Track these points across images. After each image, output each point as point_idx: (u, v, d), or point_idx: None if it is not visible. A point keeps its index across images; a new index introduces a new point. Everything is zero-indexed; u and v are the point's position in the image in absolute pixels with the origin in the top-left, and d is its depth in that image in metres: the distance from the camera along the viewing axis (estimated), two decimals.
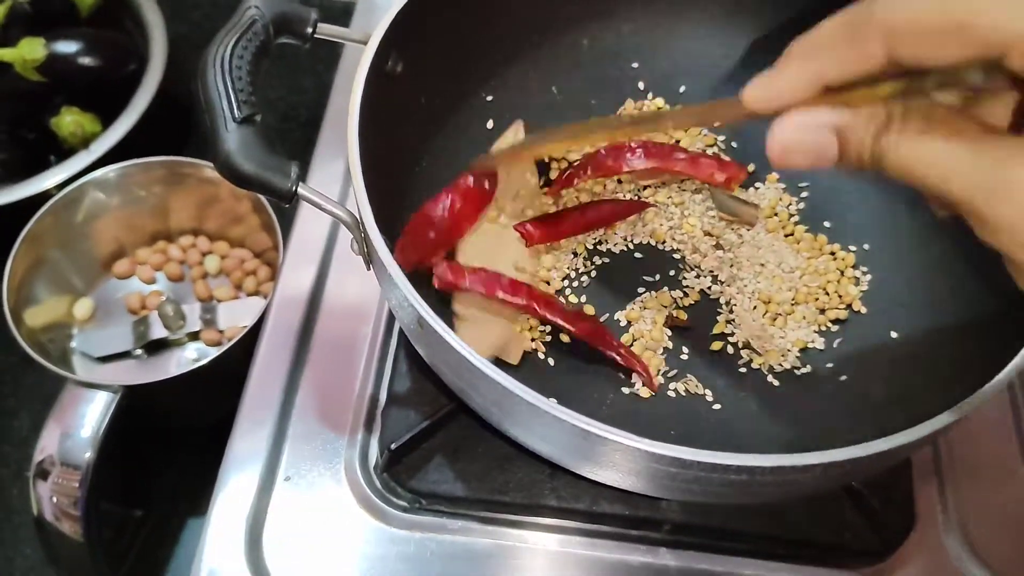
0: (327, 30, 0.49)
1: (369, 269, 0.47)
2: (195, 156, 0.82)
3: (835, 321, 0.56)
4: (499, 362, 0.52)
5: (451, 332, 0.41)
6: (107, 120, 0.77)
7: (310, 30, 0.49)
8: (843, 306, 0.56)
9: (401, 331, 0.58)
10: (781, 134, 0.35)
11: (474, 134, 0.60)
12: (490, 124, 0.60)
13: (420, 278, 0.43)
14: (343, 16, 0.85)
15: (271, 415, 0.56)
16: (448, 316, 0.52)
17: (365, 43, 0.49)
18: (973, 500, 0.55)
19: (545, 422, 0.40)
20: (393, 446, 0.52)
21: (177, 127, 0.85)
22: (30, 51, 0.76)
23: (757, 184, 0.61)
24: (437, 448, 0.54)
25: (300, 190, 0.43)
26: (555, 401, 0.40)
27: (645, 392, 0.53)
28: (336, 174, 0.66)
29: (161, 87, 0.78)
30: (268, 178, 0.43)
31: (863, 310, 0.56)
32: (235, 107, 0.43)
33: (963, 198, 0.32)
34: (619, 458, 0.41)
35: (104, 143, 0.75)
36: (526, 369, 0.53)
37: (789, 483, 0.42)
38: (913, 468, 0.55)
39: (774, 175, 0.61)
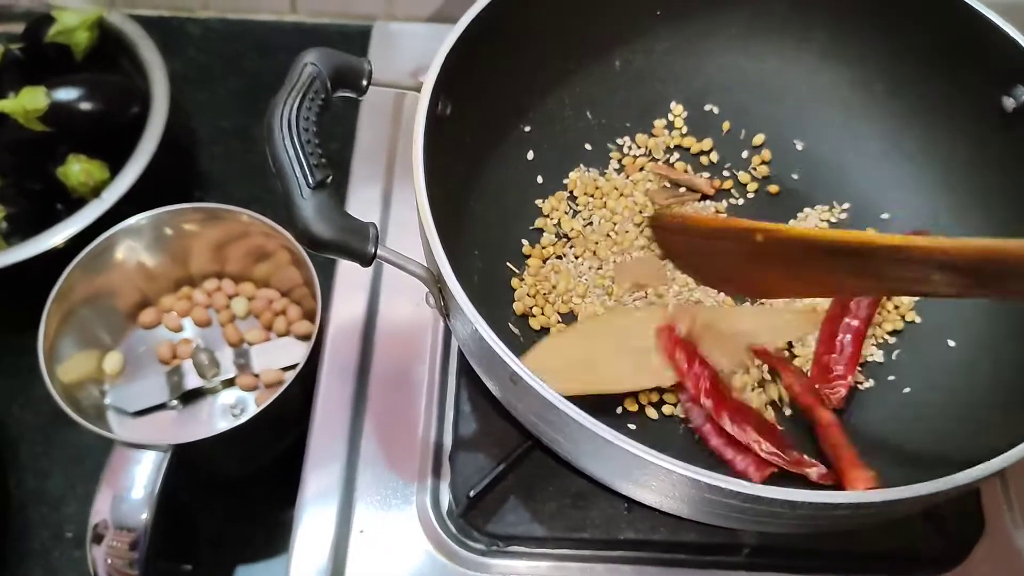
0: (381, 80, 0.49)
1: (447, 321, 0.47)
2: (203, 197, 0.81)
3: (892, 333, 0.57)
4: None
5: (545, 386, 0.41)
6: (113, 166, 0.75)
7: (365, 82, 0.48)
8: (898, 317, 0.57)
9: (459, 372, 0.58)
10: None
11: (516, 166, 0.60)
12: (531, 155, 0.60)
13: (501, 328, 0.42)
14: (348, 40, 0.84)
15: (338, 468, 0.56)
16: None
17: (418, 90, 0.49)
18: None
19: (649, 471, 0.41)
20: (472, 493, 0.52)
21: (183, 168, 0.84)
22: (32, 101, 0.74)
23: (805, 209, 0.62)
24: (511, 489, 0.54)
25: (380, 252, 0.43)
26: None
27: None
28: (369, 203, 0.66)
29: (165, 129, 0.76)
30: (348, 242, 0.42)
31: (917, 320, 0.57)
32: (308, 173, 0.42)
33: None
34: (720, 500, 0.42)
35: (116, 190, 0.73)
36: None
37: (886, 512, 0.43)
38: None
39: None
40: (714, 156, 0.63)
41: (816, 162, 0.61)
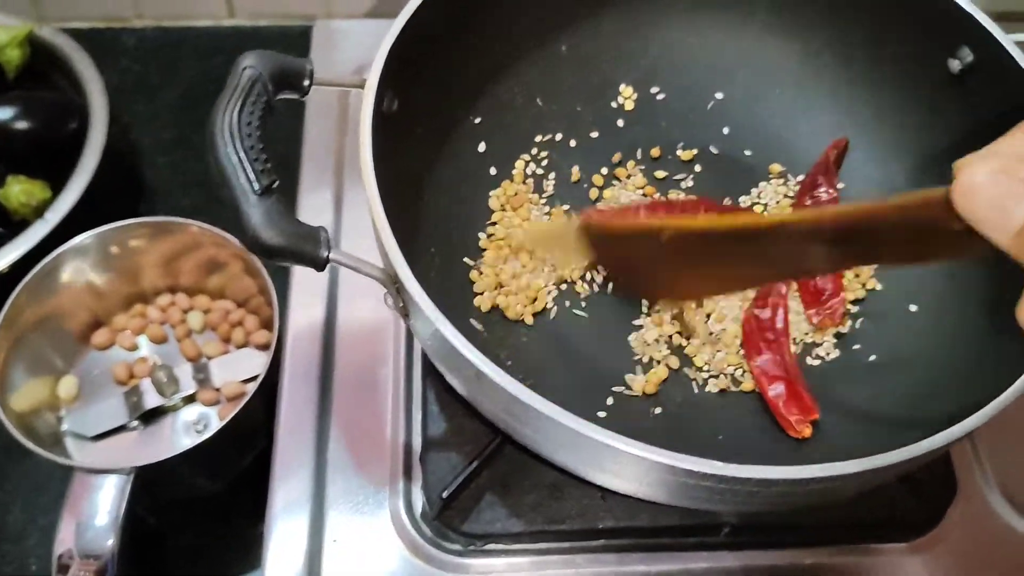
0: (323, 79, 0.47)
1: (406, 322, 0.46)
2: (149, 211, 0.79)
3: (854, 302, 0.57)
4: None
5: (510, 378, 0.40)
6: (55, 184, 0.73)
7: (307, 82, 0.47)
8: (859, 285, 0.57)
9: (425, 372, 0.57)
10: (976, 174, 0.32)
11: (468, 159, 0.59)
12: (482, 147, 0.59)
13: (462, 324, 0.42)
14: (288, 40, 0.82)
15: (306, 477, 0.55)
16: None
17: (362, 87, 0.48)
18: (1007, 456, 0.57)
19: (621, 460, 0.40)
20: (445, 494, 0.51)
21: (126, 182, 0.82)
22: None
23: (760, 183, 0.61)
24: (485, 486, 0.53)
25: (333, 255, 0.42)
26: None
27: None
28: (321, 205, 0.65)
29: (105, 143, 0.74)
30: (300, 248, 0.41)
31: (879, 287, 0.57)
32: (253, 179, 0.41)
33: None
34: (695, 483, 0.41)
35: (60, 209, 0.71)
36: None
37: (860, 482, 0.43)
38: None
39: (775, 166, 0.61)
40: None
41: (768, 136, 0.61)
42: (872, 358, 0.54)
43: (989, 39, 0.52)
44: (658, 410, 0.53)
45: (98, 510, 0.58)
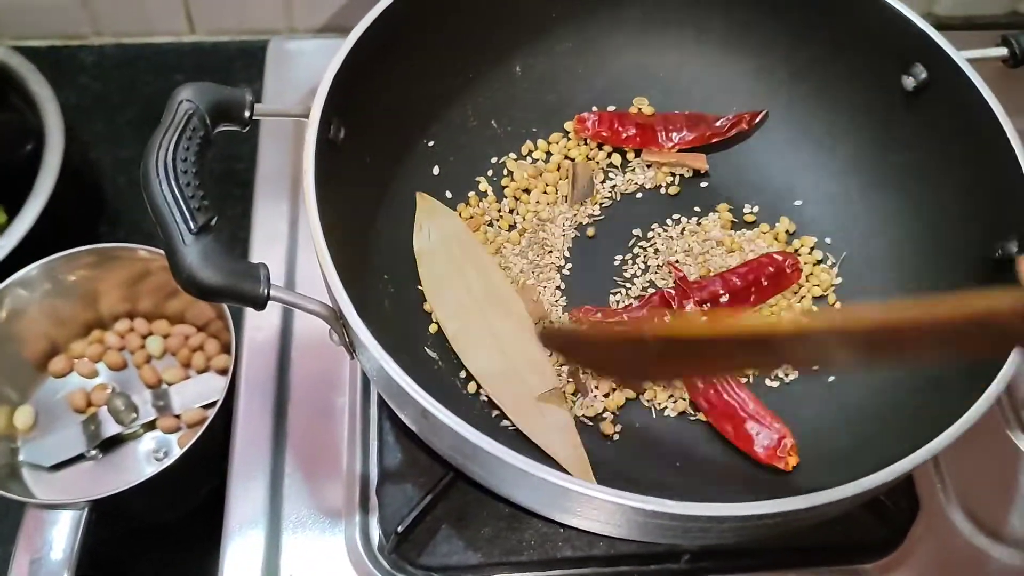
0: (265, 109, 0.46)
1: (353, 358, 0.45)
2: (110, 231, 0.78)
3: None
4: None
5: (457, 419, 0.40)
6: (11, 208, 0.72)
7: (248, 113, 0.46)
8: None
9: (380, 401, 0.56)
10: None
11: (422, 182, 0.58)
12: (436, 170, 0.59)
13: (416, 354, 0.41)
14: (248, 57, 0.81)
15: (261, 506, 0.54)
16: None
17: (306, 116, 0.47)
18: (968, 472, 0.56)
19: (572, 499, 0.39)
20: (400, 529, 0.50)
21: (86, 204, 0.80)
22: None
23: (718, 207, 0.61)
24: (442, 518, 0.52)
25: (273, 292, 0.41)
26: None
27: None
28: (275, 229, 0.64)
29: (63, 164, 0.73)
30: (238, 287, 0.40)
31: (836, 305, 0.56)
32: (189, 218, 0.40)
33: None
34: (647, 521, 0.40)
35: (14, 235, 0.70)
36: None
37: (821, 513, 0.42)
38: None
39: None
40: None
41: (726, 155, 0.60)
42: (831, 379, 0.54)
43: (942, 56, 0.51)
44: (617, 436, 0.52)
45: (52, 546, 0.57)
